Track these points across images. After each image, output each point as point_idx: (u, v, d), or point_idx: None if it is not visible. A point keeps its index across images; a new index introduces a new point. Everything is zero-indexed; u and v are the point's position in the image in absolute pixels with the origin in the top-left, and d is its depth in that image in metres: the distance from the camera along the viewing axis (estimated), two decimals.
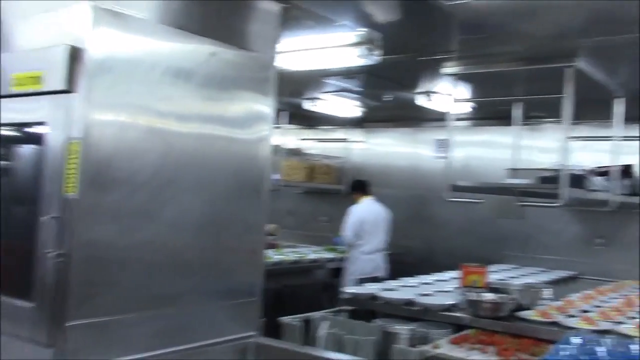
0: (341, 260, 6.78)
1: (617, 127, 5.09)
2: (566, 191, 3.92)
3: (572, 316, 3.87)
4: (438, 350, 3.25)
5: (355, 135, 8.11)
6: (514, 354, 3.23)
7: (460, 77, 4.52)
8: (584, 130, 6.31)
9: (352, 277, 6.45)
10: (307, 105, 6.42)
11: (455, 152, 7.13)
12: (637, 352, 3.02)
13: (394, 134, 7.89)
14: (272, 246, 6.96)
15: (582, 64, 3.98)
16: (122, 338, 2.25)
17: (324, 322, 3.92)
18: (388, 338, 3.63)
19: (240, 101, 2.73)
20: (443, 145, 7.35)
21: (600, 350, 3.02)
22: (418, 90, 5.56)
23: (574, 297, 4.52)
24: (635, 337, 3.35)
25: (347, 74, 5.06)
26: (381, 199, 7.02)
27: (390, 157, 7.84)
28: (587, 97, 4.28)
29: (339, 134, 8.20)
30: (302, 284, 6.34)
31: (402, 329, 3.64)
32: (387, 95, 5.93)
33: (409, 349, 3.39)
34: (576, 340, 3.16)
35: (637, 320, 3.79)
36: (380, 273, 6.60)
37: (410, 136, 7.73)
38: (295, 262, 6.33)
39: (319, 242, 7.65)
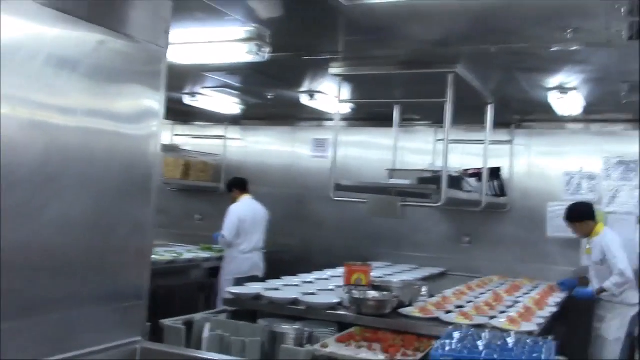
0: (218, 259, 6.66)
1: (488, 132, 5.37)
2: (445, 192, 4.09)
3: (450, 311, 4.04)
4: (327, 350, 3.26)
5: (232, 132, 8.00)
6: (400, 351, 3.31)
7: (345, 77, 4.56)
8: (454, 133, 6.65)
9: (229, 277, 6.35)
10: (186, 100, 6.22)
11: (336, 152, 7.28)
12: (513, 343, 3.21)
13: (272, 132, 7.87)
14: None
15: (461, 70, 4.16)
16: None
17: (207, 323, 3.82)
18: (274, 338, 3.60)
19: (129, 95, 2.57)
20: (320, 144, 7.47)
21: (480, 343, 3.18)
22: (301, 89, 5.57)
23: (448, 293, 4.73)
24: (509, 330, 3.55)
25: (230, 69, 4.96)
26: (259, 197, 7.00)
27: (268, 156, 7.81)
28: (460, 102, 4.47)
29: (216, 130, 8.06)
30: (178, 284, 6.15)
31: (289, 329, 3.62)
32: (269, 93, 5.89)
33: (297, 349, 3.37)
34: (457, 334, 3.31)
35: (508, 314, 4.04)
36: (258, 272, 6.57)
37: (288, 135, 7.74)
38: (170, 262, 6.13)
39: (194, 241, 7.48)
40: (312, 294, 4.34)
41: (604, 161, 6.21)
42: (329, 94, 5.55)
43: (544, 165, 6.46)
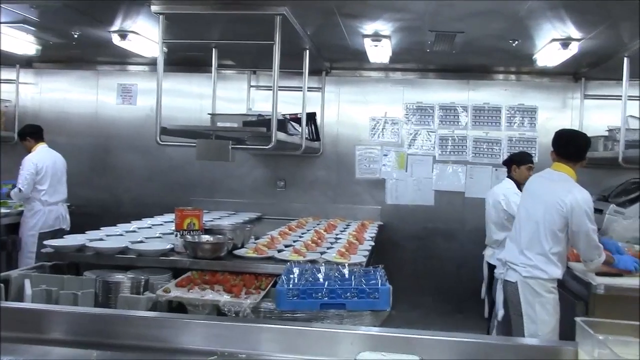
0: (18, 214, 6.12)
1: (305, 78, 5.47)
2: (276, 134, 4.12)
3: (281, 250, 4.15)
4: (171, 294, 3.19)
5: (25, 76, 7.26)
6: (243, 290, 3.33)
7: (166, 17, 4.32)
8: (266, 79, 6.72)
9: (33, 232, 5.91)
10: None
11: (144, 98, 6.99)
12: (348, 273, 3.40)
13: (72, 77, 7.25)
14: None
15: (288, 12, 4.17)
16: None
17: (27, 280, 3.52)
18: (109, 289, 3.43)
19: None
20: (127, 90, 7.10)
21: (320, 276, 3.33)
22: (112, 28, 5.18)
23: (275, 233, 4.84)
24: (341, 262, 3.75)
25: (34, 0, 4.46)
26: (58, 148, 6.52)
27: (68, 103, 7.23)
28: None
29: (5, 74, 7.23)
30: None
31: (124, 278, 3.47)
32: (76, 31, 5.40)
33: (137, 297, 3.25)
34: (296, 270, 3.43)
35: (335, 249, 4.25)
36: (64, 225, 6.18)
37: (90, 81, 7.20)
38: None
39: None
40: (141, 242, 4.18)
41: (405, 107, 6.70)
42: (143, 34, 5.26)
43: (351, 111, 6.79)
